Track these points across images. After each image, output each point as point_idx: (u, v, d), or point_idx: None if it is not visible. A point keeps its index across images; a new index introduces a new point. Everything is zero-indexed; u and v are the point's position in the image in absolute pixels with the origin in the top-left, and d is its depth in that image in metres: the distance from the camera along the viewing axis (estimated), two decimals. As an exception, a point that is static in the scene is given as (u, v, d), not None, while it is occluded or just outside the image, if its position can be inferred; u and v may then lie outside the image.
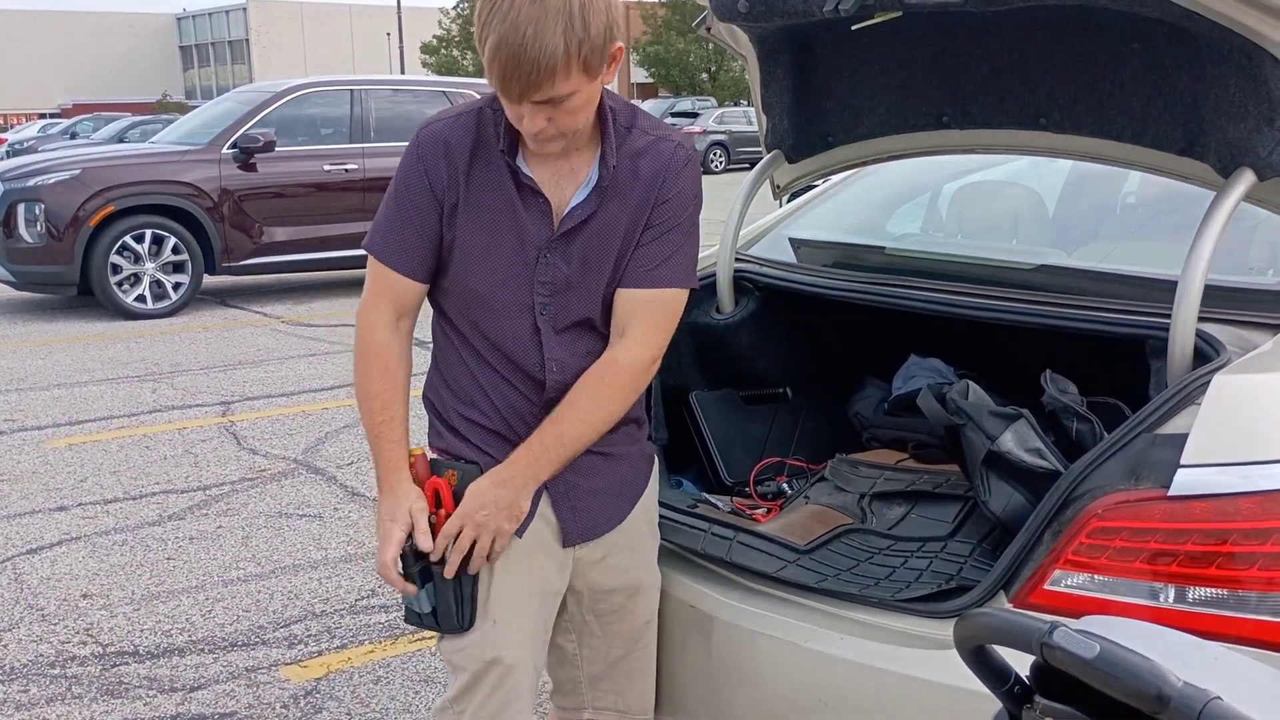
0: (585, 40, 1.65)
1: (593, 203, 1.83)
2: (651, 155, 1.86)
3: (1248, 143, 2.04)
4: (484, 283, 1.85)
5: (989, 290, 2.44)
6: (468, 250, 1.85)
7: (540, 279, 1.84)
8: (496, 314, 1.87)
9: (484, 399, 1.92)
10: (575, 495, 1.96)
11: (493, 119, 1.84)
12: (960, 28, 2.40)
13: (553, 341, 1.87)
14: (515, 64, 1.63)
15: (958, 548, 2.22)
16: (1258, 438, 1.77)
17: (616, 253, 1.87)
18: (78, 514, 4.81)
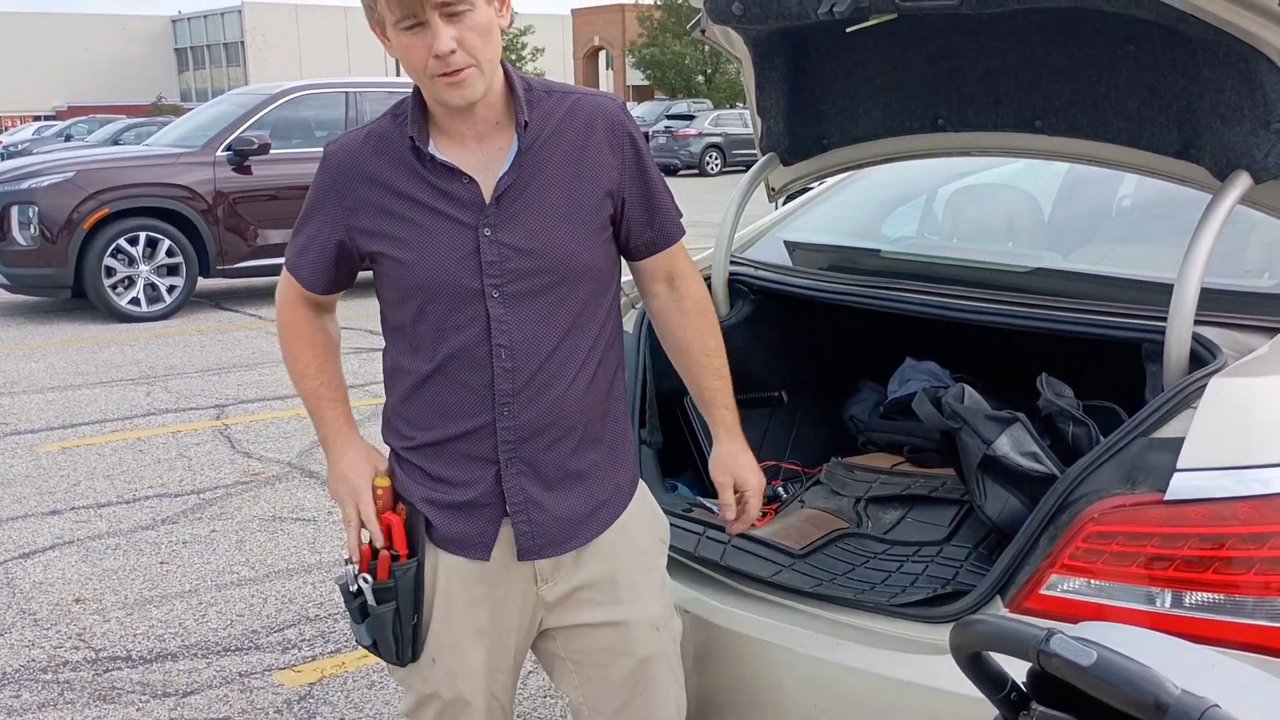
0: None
1: (517, 167, 1.78)
2: (582, 112, 1.83)
3: (1243, 145, 2.04)
4: (420, 280, 1.79)
5: (984, 293, 2.43)
6: (400, 238, 1.79)
7: (487, 258, 1.77)
8: (442, 297, 1.79)
9: (432, 413, 1.85)
10: (532, 509, 1.85)
11: (394, 125, 1.82)
12: (955, 30, 2.39)
13: (502, 325, 1.78)
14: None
15: (954, 552, 2.22)
16: (1254, 442, 1.76)
17: (581, 207, 1.81)
18: (70, 518, 4.80)
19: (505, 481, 1.83)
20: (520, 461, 1.83)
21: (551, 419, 1.83)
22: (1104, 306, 2.24)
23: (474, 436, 1.83)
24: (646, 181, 1.88)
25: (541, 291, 1.79)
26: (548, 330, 1.80)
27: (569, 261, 1.80)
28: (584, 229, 1.81)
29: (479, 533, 1.85)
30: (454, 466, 1.84)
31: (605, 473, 1.91)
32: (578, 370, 1.84)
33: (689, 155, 29.54)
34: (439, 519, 1.86)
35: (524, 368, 1.80)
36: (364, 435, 1.99)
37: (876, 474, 2.56)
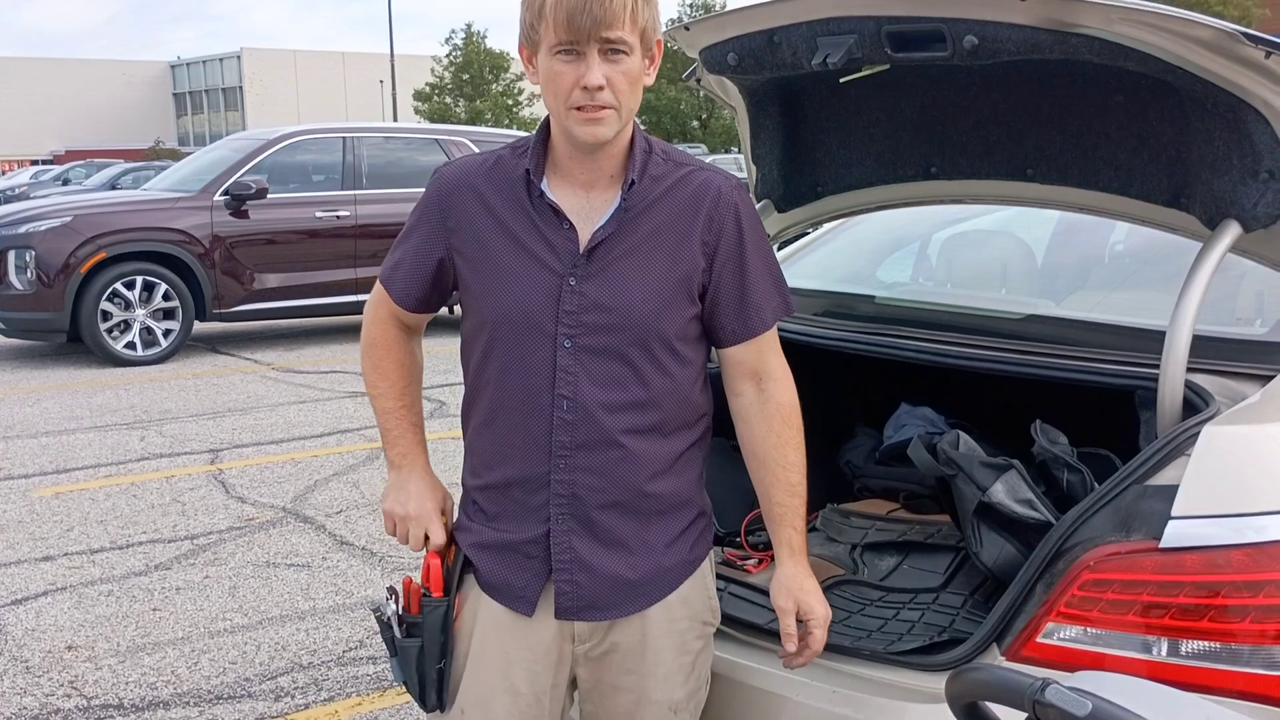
0: (647, 4, 1.71)
1: (615, 223, 1.78)
2: (692, 184, 1.82)
3: (1233, 195, 2.06)
4: (502, 308, 1.79)
5: (978, 340, 2.45)
6: (486, 278, 1.81)
7: (565, 307, 1.76)
8: (515, 337, 1.78)
9: (494, 453, 1.85)
10: (577, 569, 1.81)
11: (513, 155, 1.84)
12: (947, 80, 2.42)
13: (567, 377, 1.77)
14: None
15: (950, 599, 2.21)
16: (1247, 489, 1.77)
17: (670, 276, 1.78)
18: (64, 564, 4.77)
19: (554, 537, 1.81)
20: (572, 518, 1.80)
21: (609, 482, 1.79)
22: (1097, 353, 2.25)
23: (529, 484, 1.81)
24: (743, 265, 1.83)
25: (614, 351, 1.77)
26: (616, 391, 1.78)
27: (646, 326, 1.77)
28: (667, 298, 1.78)
29: (524, 585, 1.83)
30: (509, 510, 1.85)
31: (661, 547, 1.85)
32: (644, 438, 1.80)
33: (684, 199, 29.65)
34: (487, 563, 1.86)
35: (585, 424, 1.77)
36: (355, 478, 1.99)
37: (872, 520, 2.57)
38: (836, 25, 2.12)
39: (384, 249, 10.61)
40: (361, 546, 4.92)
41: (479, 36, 54.55)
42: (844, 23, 2.11)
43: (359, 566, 4.69)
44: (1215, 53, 1.91)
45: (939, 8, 2.00)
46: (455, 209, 1.83)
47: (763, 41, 2.25)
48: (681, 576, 1.88)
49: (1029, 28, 1.94)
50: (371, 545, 4.92)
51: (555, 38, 1.69)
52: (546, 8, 1.68)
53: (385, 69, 55.73)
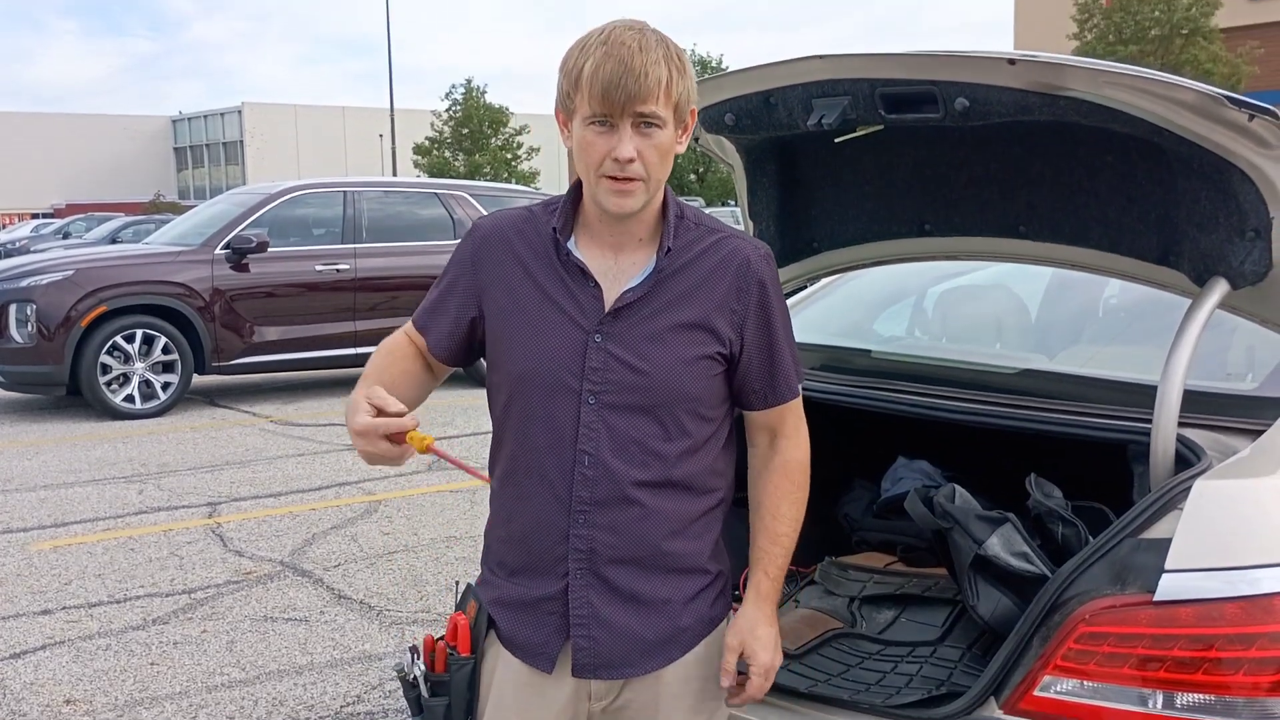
0: (682, 77, 1.74)
1: (647, 287, 1.80)
2: (721, 251, 1.84)
3: (1220, 252, 2.10)
4: (529, 362, 1.81)
5: (974, 394, 2.48)
6: (514, 332, 1.83)
7: (590, 364, 1.78)
8: (540, 391, 1.80)
9: (516, 505, 1.86)
10: (594, 625, 1.82)
11: (544, 212, 1.88)
12: (940, 140, 2.47)
13: (590, 432, 1.78)
14: (622, 71, 1.68)
15: (948, 652, 2.23)
16: (1239, 543, 1.79)
17: (689, 341, 1.80)
18: (62, 617, 4.76)
19: (572, 592, 1.81)
20: (590, 574, 1.81)
21: (627, 539, 1.80)
22: (1090, 408, 2.29)
23: (548, 538, 1.82)
24: (770, 335, 1.86)
25: (637, 410, 1.78)
26: (637, 449, 1.79)
27: (671, 386, 1.79)
28: (691, 362, 1.80)
29: (543, 642, 1.84)
30: (528, 565, 1.85)
31: (680, 607, 1.85)
32: (664, 497, 1.81)
33: (681, 252, 29.82)
34: (507, 620, 1.86)
35: (605, 480, 1.78)
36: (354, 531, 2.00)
37: (870, 573, 2.58)
38: (831, 87, 2.18)
39: (383, 302, 10.65)
40: (360, 600, 4.92)
41: (478, 92, 55.02)
42: (839, 85, 2.17)
43: (357, 621, 4.68)
44: (1200, 115, 1.96)
45: (931, 71, 2.05)
46: (487, 263, 1.87)
47: (759, 102, 2.31)
48: (699, 636, 1.88)
49: (1018, 90, 2.00)
50: (370, 599, 4.91)
51: (590, 109, 1.72)
52: (583, 78, 1.71)
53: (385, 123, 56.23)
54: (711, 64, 48.87)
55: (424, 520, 6.02)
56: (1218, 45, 32.08)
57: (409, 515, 6.12)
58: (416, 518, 6.06)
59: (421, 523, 5.98)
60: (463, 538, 5.36)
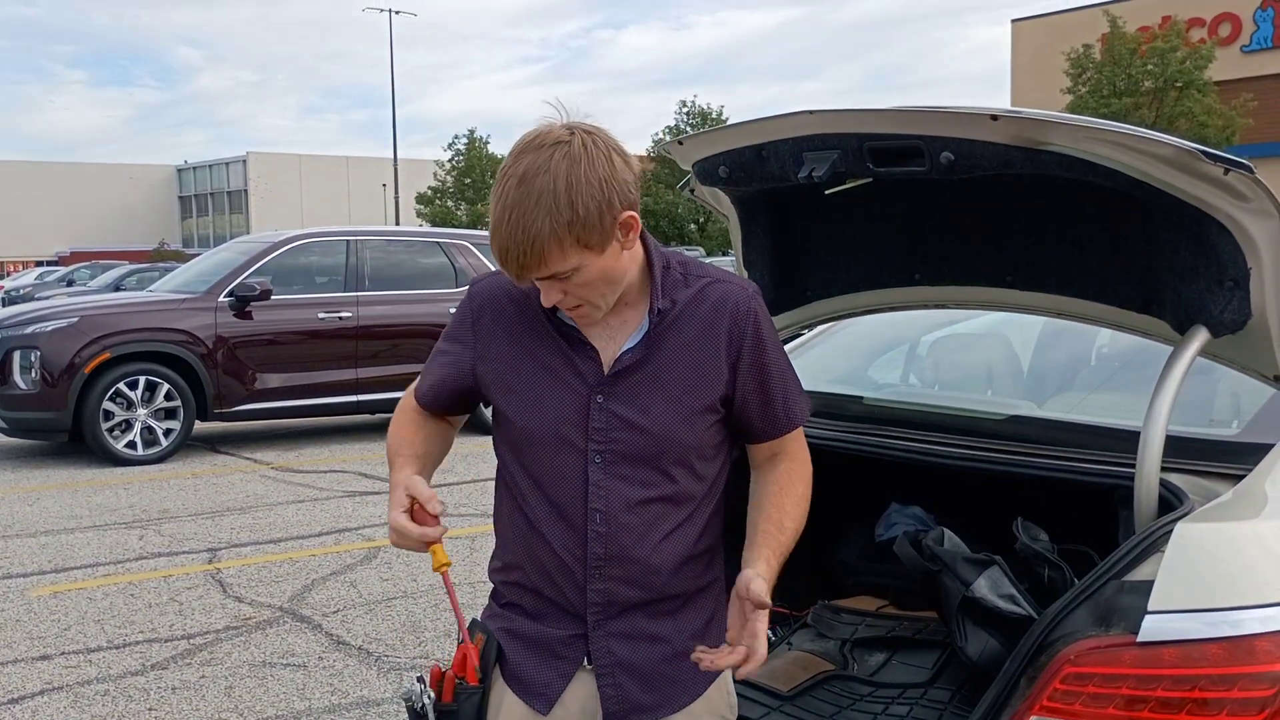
0: (575, 220, 1.67)
1: (642, 349, 1.82)
2: (710, 298, 1.86)
3: (1200, 302, 2.15)
4: (534, 421, 1.84)
5: (964, 440, 2.52)
6: (517, 391, 1.86)
7: (594, 424, 1.81)
8: (547, 454, 1.84)
9: (526, 555, 1.89)
10: (619, 673, 1.86)
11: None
12: (928, 192, 2.54)
13: (599, 490, 1.81)
14: (506, 248, 1.69)
15: (938, 694, 2.26)
16: (1220, 585, 1.82)
17: (689, 392, 1.83)
18: (60, 663, 4.77)
19: (593, 642, 1.85)
20: (609, 623, 1.85)
21: (642, 587, 1.84)
22: (1077, 453, 2.33)
23: (566, 590, 1.85)
24: (764, 374, 1.88)
25: (642, 463, 1.81)
26: (645, 501, 1.82)
27: (673, 439, 1.82)
28: (693, 412, 1.83)
29: (546, 682, 1.87)
30: (545, 610, 1.89)
31: (695, 642, 1.86)
32: (673, 540, 1.84)
33: (682, 301, 29.97)
34: (516, 652, 1.89)
35: (618, 535, 1.81)
36: (353, 578, 2.04)
37: (862, 616, 2.61)
38: (821, 141, 2.24)
39: (386, 350, 10.71)
40: (358, 646, 4.92)
41: (481, 142, 55.52)
42: (828, 139, 2.23)
43: (355, 666, 4.68)
44: (1177, 169, 2.02)
45: (916, 126, 2.12)
46: (485, 329, 1.90)
47: (752, 156, 2.37)
48: (710, 677, 1.90)
49: (1001, 145, 2.06)
50: (368, 645, 4.92)
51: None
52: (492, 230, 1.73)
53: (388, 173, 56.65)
54: (712, 116, 49.35)
55: (423, 566, 6.04)
56: (1212, 98, 32.39)
57: (408, 561, 6.13)
58: (416, 564, 6.08)
59: (420, 569, 6.00)
60: (461, 584, 5.38)
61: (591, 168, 1.68)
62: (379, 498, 7.98)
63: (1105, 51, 33.38)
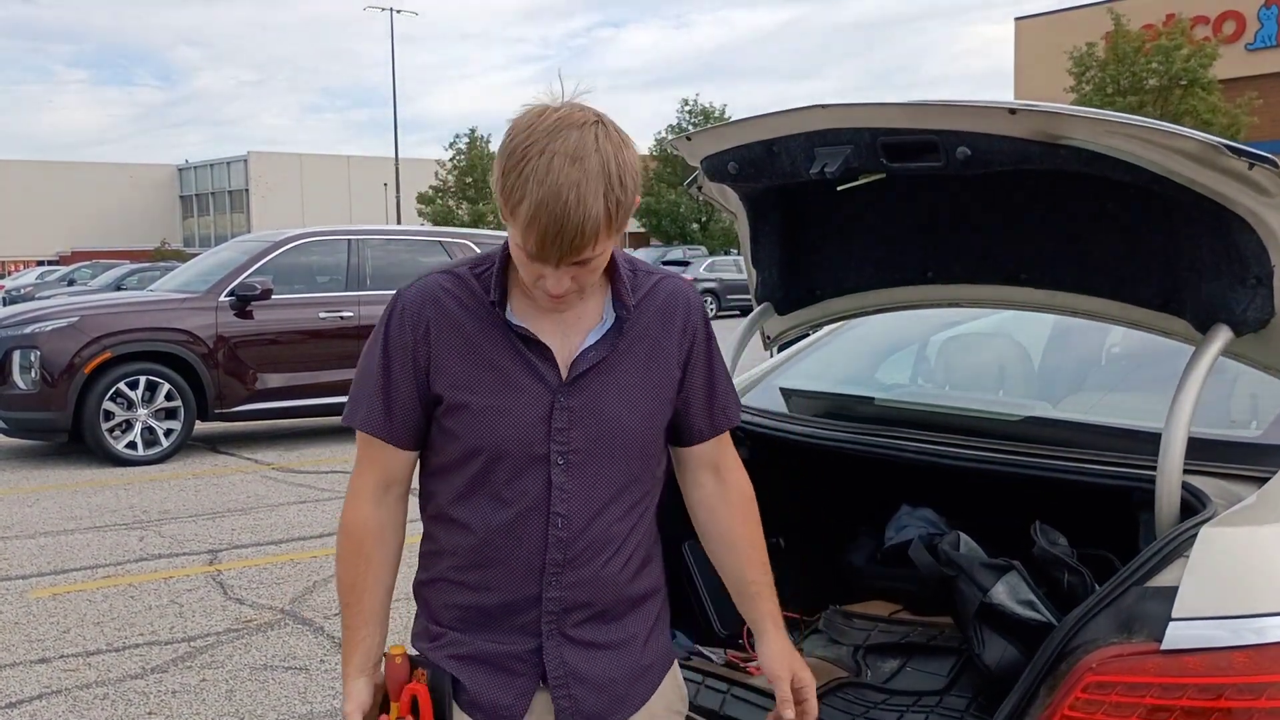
0: (623, 200, 1.62)
1: (608, 344, 1.78)
2: (661, 295, 1.84)
3: (1222, 300, 2.10)
4: (492, 439, 1.74)
5: (977, 441, 2.47)
6: (477, 402, 1.75)
7: (556, 425, 1.75)
8: (508, 463, 1.75)
9: (480, 576, 1.79)
10: (573, 683, 1.80)
11: (476, 281, 1.79)
12: (942, 188, 2.49)
13: (562, 493, 1.76)
14: (559, 229, 1.58)
15: (954, 702, 2.21)
16: (1246, 591, 1.78)
17: (648, 389, 1.80)
18: (59, 666, 4.72)
19: (546, 653, 1.79)
20: (561, 633, 1.79)
21: (597, 590, 1.80)
22: (1094, 455, 2.28)
23: (520, 604, 1.78)
24: (711, 368, 1.88)
25: (601, 463, 1.78)
26: (601, 502, 1.78)
27: (631, 436, 1.79)
28: (650, 408, 1.81)
29: (510, 704, 1.79)
30: (494, 625, 1.80)
31: (644, 644, 1.87)
32: (624, 541, 1.82)
33: (684, 300, 30.04)
34: (473, 680, 1.79)
35: (577, 539, 1.77)
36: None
37: (875, 622, 2.56)
38: (833, 136, 2.20)
39: (387, 349, 10.75)
40: (360, 649, 4.88)
41: (483, 141, 55.50)
42: (840, 134, 2.18)
43: (357, 669, 4.64)
44: (1200, 164, 1.97)
45: (932, 120, 2.07)
46: (433, 339, 1.76)
47: (762, 151, 2.33)
48: (661, 672, 1.90)
49: (1019, 140, 2.01)
50: (370, 647, 4.88)
51: (521, 242, 1.64)
52: (519, 215, 1.61)
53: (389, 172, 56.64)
54: (715, 114, 49.30)
55: (425, 568, 6.00)
56: (1216, 96, 32.33)
57: (408, 564, 6.08)
58: (415, 566, 6.04)
59: (423, 570, 5.96)
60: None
61: (626, 150, 1.64)
62: (381, 498, 7.91)
63: (1109, 49, 33.33)
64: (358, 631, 1.82)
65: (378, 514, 1.84)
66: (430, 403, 1.78)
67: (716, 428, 1.91)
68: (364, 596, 1.82)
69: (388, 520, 1.85)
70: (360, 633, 1.82)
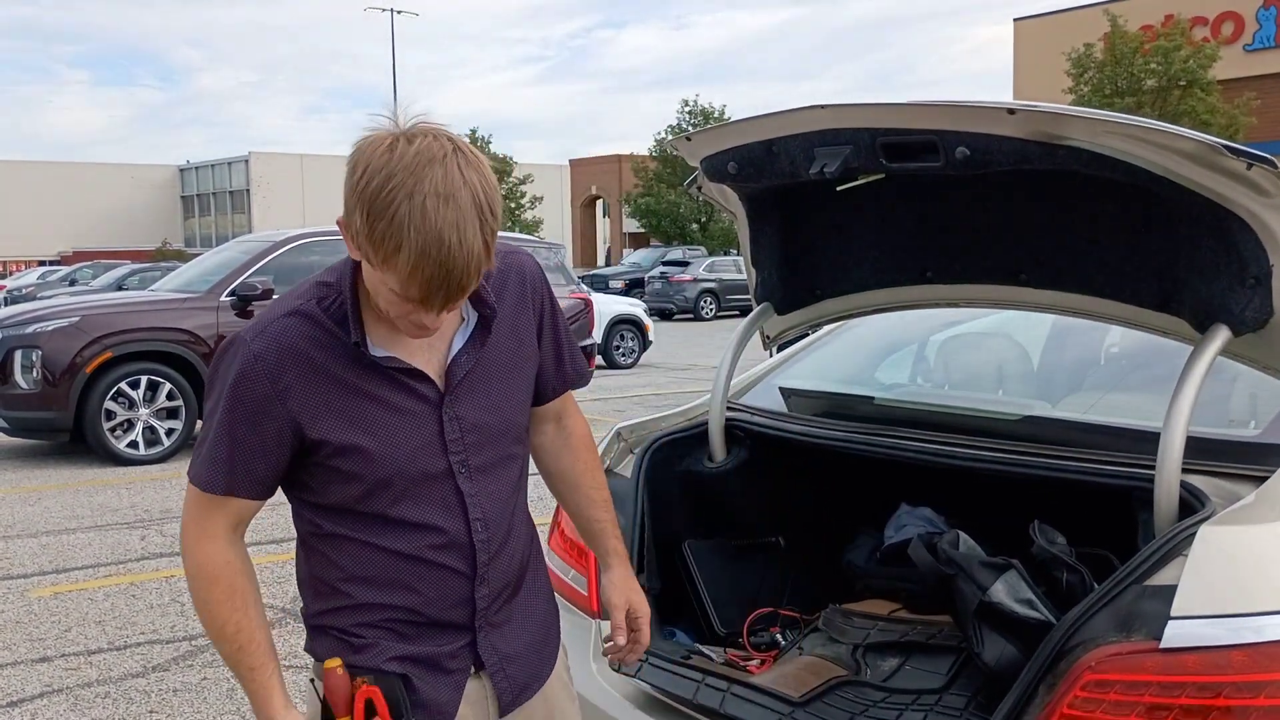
0: (495, 228, 1.57)
1: (476, 345, 1.76)
2: (511, 276, 1.83)
3: (1221, 300, 2.11)
4: (388, 469, 1.70)
5: (976, 441, 2.48)
6: (362, 448, 1.69)
7: (450, 438, 1.74)
8: (413, 487, 1.72)
9: (407, 592, 1.75)
10: (507, 664, 1.85)
11: (326, 318, 1.70)
12: (941, 188, 2.50)
13: (475, 499, 1.77)
14: (445, 275, 1.53)
15: (953, 701, 2.21)
16: (1245, 590, 1.78)
17: (518, 372, 1.83)
18: (60, 665, 4.73)
19: (480, 645, 1.81)
20: (488, 624, 1.82)
21: (512, 575, 1.86)
22: (1093, 454, 2.29)
23: (452, 607, 1.78)
24: (557, 331, 1.92)
25: (496, 458, 1.80)
26: (505, 494, 1.82)
27: (515, 422, 1.84)
28: (523, 389, 1.86)
29: (446, 700, 1.79)
30: (426, 634, 1.78)
31: (546, 609, 1.98)
32: (524, 521, 1.89)
33: (684, 300, 30.05)
34: (420, 678, 1.78)
35: (495, 536, 1.80)
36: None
37: (874, 621, 2.57)
38: (833, 136, 2.20)
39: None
40: (361, 648, 4.88)
41: (482, 142, 55.48)
42: (840, 134, 2.19)
43: (358, 668, 4.64)
44: (1198, 164, 1.98)
45: (931, 120, 2.08)
46: (294, 387, 1.67)
47: (762, 151, 2.33)
48: (558, 637, 2.01)
49: (1018, 140, 2.02)
50: (371, 647, 4.88)
51: (401, 290, 1.56)
52: (397, 265, 1.53)
53: (390, 172, 56.40)
54: (715, 114, 49.27)
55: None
56: (1215, 97, 32.32)
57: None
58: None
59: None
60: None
61: (486, 172, 1.59)
62: (381, 498, 7.92)
63: (1108, 50, 33.32)
64: (265, 669, 1.75)
65: (236, 550, 1.77)
66: (304, 450, 1.71)
67: (566, 384, 1.98)
68: (255, 633, 1.75)
69: (244, 556, 1.79)
70: (268, 669, 1.75)
